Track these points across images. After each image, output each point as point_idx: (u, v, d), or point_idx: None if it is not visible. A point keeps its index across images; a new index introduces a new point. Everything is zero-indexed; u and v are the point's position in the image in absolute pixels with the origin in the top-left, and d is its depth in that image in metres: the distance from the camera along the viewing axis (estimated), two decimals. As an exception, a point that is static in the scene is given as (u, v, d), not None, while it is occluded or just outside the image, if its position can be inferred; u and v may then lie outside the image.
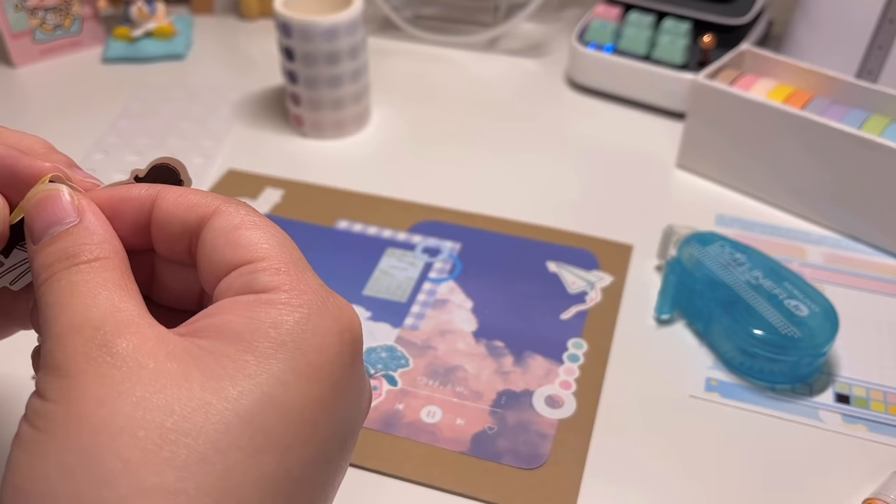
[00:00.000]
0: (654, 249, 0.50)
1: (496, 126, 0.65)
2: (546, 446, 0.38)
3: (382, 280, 0.48)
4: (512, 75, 0.73)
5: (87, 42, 0.74)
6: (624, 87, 0.66)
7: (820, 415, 0.40)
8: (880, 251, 0.51)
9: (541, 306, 0.47)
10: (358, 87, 0.61)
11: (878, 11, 0.58)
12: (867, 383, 0.42)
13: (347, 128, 0.63)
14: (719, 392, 0.42)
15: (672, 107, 0.64)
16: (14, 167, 0.25)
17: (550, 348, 0.44)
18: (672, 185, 0.58)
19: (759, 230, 0.53)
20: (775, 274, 0.44)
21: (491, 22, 0.77)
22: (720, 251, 0.45)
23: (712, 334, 0.43)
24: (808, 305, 0.42)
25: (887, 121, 0.51)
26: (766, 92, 0.55)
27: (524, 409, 0.40)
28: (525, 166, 0.60)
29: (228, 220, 0.23)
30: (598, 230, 0.52)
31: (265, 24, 0.79)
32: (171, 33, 0.73)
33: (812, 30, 0.63)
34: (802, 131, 0.51)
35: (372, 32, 0.77)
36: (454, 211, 0.54)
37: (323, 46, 0.57)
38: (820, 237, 0.52)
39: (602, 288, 0.48)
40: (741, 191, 0.56)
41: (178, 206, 0.24)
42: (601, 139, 0.63)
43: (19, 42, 0.70)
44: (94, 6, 0.74)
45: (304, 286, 0.22)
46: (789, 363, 0.41)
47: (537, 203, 0.55)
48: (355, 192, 0.56)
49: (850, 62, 0.61)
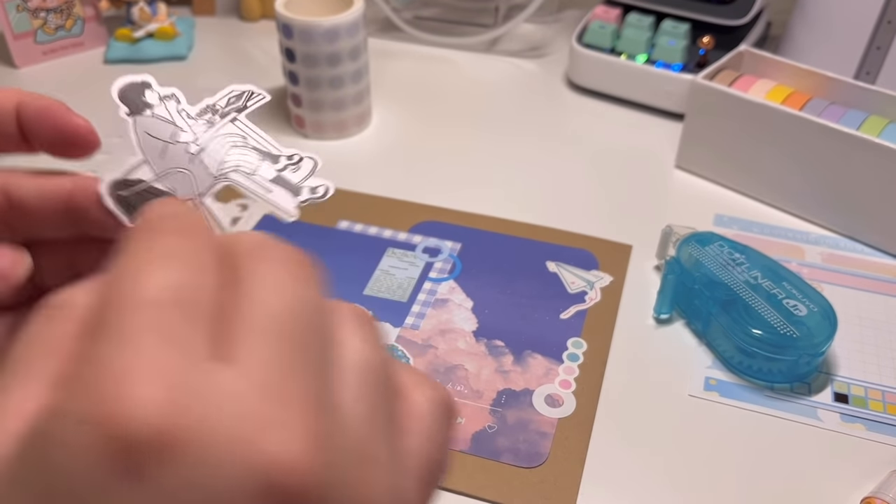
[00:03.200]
0: (653, 249, 0.50)
1: (496, 127, 0.65)
2: (546, 445, 0.39)
3: (383, 280, 0.49)
4: (512, 76, 0.73)
5: (89, 43, 0.75)
6: (623, 88, 0.67)
7: (818, 414, 0.41)
8: (878, 251, 0.51)
9: (541, 306, 0.47)
10: (359, 88, 0.61)
11: (876, 13, 0.58)
12: (865, 383, 0.42)
13: (348, 129, 0.63)
14: (718, 391, 0.42)
15: (671, 107, 0.65)
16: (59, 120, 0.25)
17: (550, 347, 0.44)
18: (671, 186, 0.58)
19: (758, 230, 0.53)
20: (774, 274, 0.44)
21: (491, 23, 0.78)
22: (719, 251, 0.45)
23: (711, 334, 0.44)
24: (807, 305, 0.42)
25: (885, 121, 0.51)
26: (764, 93, 0.55)
27: (524, 408, 0.41)
28: (525, 167, 0.60)
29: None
30: (598, 230, 0.53)
31: (266, 26, 0.80)
32: (173, 34, 0.74)
33: (810, 31, 0.63)
34: (801, 132, 0.51)
35: (373, 34, 0.77)
36: (454, 211, 0.54)
37: (324, 47, 0.58)
38: (818, 237, 0.53)
39: (601, 288, 0.48)
40: (740, 191, 0.57)
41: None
42: (600, 140, 0.63)
43: (21, 43, 0.71)
44: (95, 7, 0.74)
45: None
46: (788, 362, 0.41)
47: (537, 203, 0.56)
48: (356, 192, 0.56)
49: (849, 63, 0.61)
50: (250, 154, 0.27)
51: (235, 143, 0.27)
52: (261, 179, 0.27)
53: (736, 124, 0.54)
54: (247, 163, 0.27)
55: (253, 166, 0.27)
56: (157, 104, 0.27)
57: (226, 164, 0.27)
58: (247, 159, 0.27)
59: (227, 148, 0.27)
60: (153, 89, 0.27)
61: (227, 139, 0.27)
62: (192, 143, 0.27)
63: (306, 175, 0.27)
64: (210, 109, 0.27)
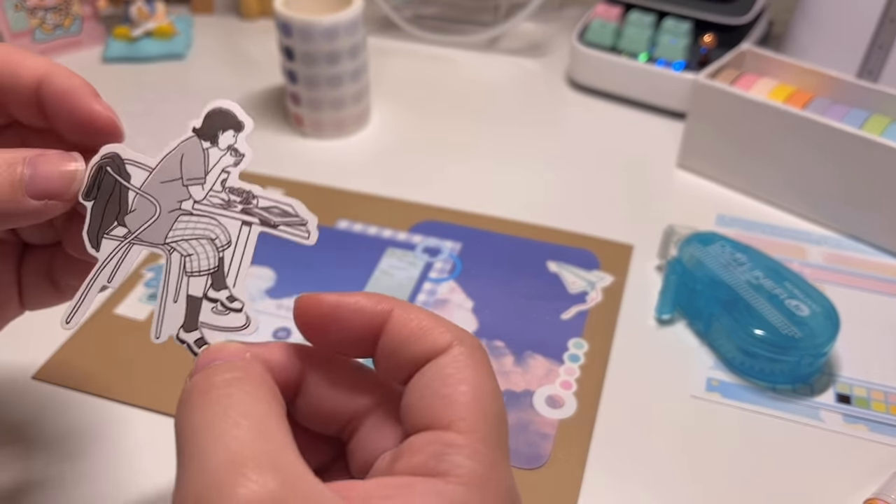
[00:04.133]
0: (654, 249, 0.50)
1: (496, 126, 0.65)
2: (547, 446, 0.38)
3: (383, 280, 0.48)
4: (512, 75, 0.73)
5: (87, 42, 0.74)
6: (624, 87, 0.66)
7: (821, 415, 0.40)
8: (881, 251, 0.51)
9: (541, 306, 0.46)
10: (358, 86, 0.61)
11: (878, 11, 0.58)
12: (868, 383, 0.42)
13: (347, 127, 0.63)
14: (720, 392, 0.42)
15: (672, 107, 0.64)
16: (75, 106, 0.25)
17: (551, 348, 0.44)
18: (672, 185, 0.58)
19: (760, 230, 0.53)
20: (776, 274, 0.43)
21: (491, 21, 0.77)
22: (721, 251, 0.45)
23: (713, 334, 0.43)
24: (809, 305, 0.42)
25: (888, 120, 0.51)
26: (766, 92, 0.55)
27: (525, 409, 0.40)
28: (525, 166, 0.60)
29: (451, 365, 0.22)
30: (599, 230, 0.52)
31: (265, 24, 0.79)
32: (171, 33, 0.73)
33: (813, 30, 0.63)
34: (803, 131, 0.51)
35: (372, 32, 0.77)
36: (454, 211, 0.54)
37: (323, 46, 0.57)
38: (820, 237, 0.52)
39: (603, 288, 0.48)
40: (742, 191, 0.56)
41: (411, 333, 0.22)
42: (601, 139, 0.63)
43: (19, 42, 0.70)
44: (93, 6, 0.73)
45: (483, 469, 0.20)
46: (790, 363, 0.41)
47: (537, 203, 0.55)
48: (355, 191, 0.56)
49: (851, 62, 0.60)
50: (206, 259, 0.25)
51: (214, 239, 0.25)
52: (179, 283, 0.25)
53: (738, 123, 0.54)
54: (194, 263, 0.25)
55: (192, 268, 0.25)
56: (220, 149, 0.25)
57: (181, 244, 0.25)
58: (197, 261, 0.25)
59: (201, 233, 0.25)
60: (235, 137, 0.25)
61: (213, 229, 0.25)
62: (191, 201, 0.25)
63: (216, 325, 0.24)
64: (247, 198, 0.25)
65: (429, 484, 0.20)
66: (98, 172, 0.25)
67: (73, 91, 0.26)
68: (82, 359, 0.42)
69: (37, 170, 0.24)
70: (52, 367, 0.42)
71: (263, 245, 0.25)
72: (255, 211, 0.25)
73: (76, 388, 0.40)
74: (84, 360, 0.42)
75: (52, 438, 0.38)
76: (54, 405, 0.40)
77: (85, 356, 0.42)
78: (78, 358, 0.42)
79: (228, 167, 0.25)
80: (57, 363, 0.42)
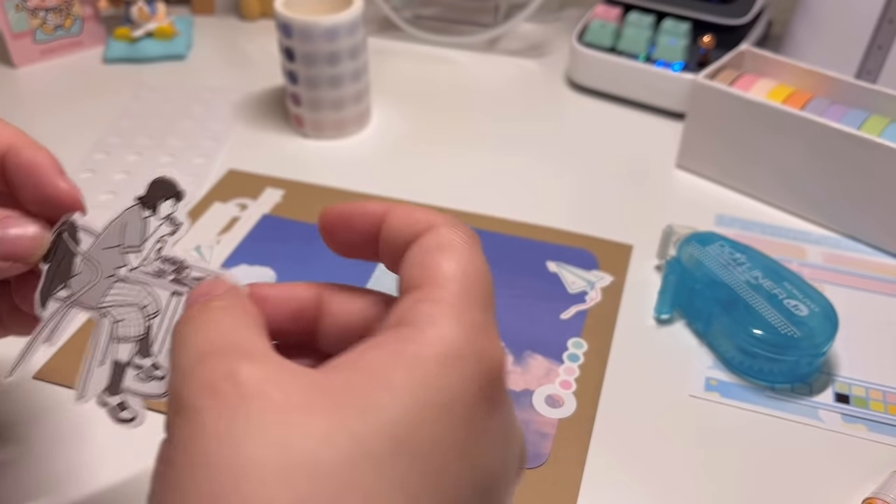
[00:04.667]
0: (653, 249, 0.50)
1: (496, 126, 0.65)
2: (546, 446, 0.39)
3: (383, 279, 0.48)
4: (512, 75, 0.73)
5: (88, 42, 0.75)
6: (624, 88, 0.66)
7: (820, 414, 0.40)
8: (880, 251, 0.51)
9: (541, 306, 0.47)
10: (358, 87, 0.61)
11: (877, 12, 0.58)
12: (867, 383, 0.42)
13: (348, 128, 0.63)
14: (719, 392, 0.42)
15: (672, 107, 0.65)
16: (41, 183, 0.25)
17: (550, 348, 0.44)
18: (672, 185, 0.58)
19: (759, 230, 0.53)
20: (775, 274, 0.44)
21: (491, 22, 0.77)
22: (720, 251, 0.45)
23: (712, 334, 0.44)
24: (808, 305, 0.42)
25: (887, 121, 0.51)
26: (765, 92, 0.55)
27: (524, 409, 0.40)
28: (525, 166, 0.60)
29: (432, 239, 0.23)
30: (598, 230, 0.52)
31: (266, 25, 0.79)
32: (172, 34, 0.73)
33: (812, 30, 0.63)
34: (802, 131, 0.51)
35: (372, 33, 0.77)
36: (454, 211, 0.54)
37: (323, 47, 0.58)
38: (819, 237, 0.53)
39: (602, 288, 0.48)
40: (741, 191, 0.56)
41: (403, 221, 0.24)
42: (601, 139, 0.63)
43: (20, 42, 0.71)
44: (94, 6, 0.74)
45: (456, 322, 0.21)
46: (789, 363, 0.41)
47: (537, 203, 0.55)
48: (356, 192, 0.56)
49: (850, 62, 0.61)
50: (133, 327, 0.26)
51: (144, 307, 0.26)
52: (108, 348, 0.26)
53: (737, 124, 0.54)
54: (122, 329, 0.25)
55: (121, 334, 0.26)
56: (159, 219, 0.26)
57: (113, 309, 0.26)
58: (126, 327, 0.26)
59: (132, 300, 0.26)
60: (174, 207, 0.26)
61: (144, 297, 0.26)
62: (126, 269, 0.26)
63: (138, 391, 0.25)
64: (179, 268, 0.26)
65: (395, 333, 0.21)
66: (57, 238, 0.26)
67: (38, 167, 0.27)
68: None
69: (6, 232, 0.25)
70: (53, 367, 0.42)
71: (264, 244, 0.26)
72: (186, 281, 0.26)
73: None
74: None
75: (52, 438, 0.38)
76: (54, 405, 0.40)
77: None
78: (78, 358, 0.42)
79: (165, 236, 0.26)
80: (57, 363, 0.42)
